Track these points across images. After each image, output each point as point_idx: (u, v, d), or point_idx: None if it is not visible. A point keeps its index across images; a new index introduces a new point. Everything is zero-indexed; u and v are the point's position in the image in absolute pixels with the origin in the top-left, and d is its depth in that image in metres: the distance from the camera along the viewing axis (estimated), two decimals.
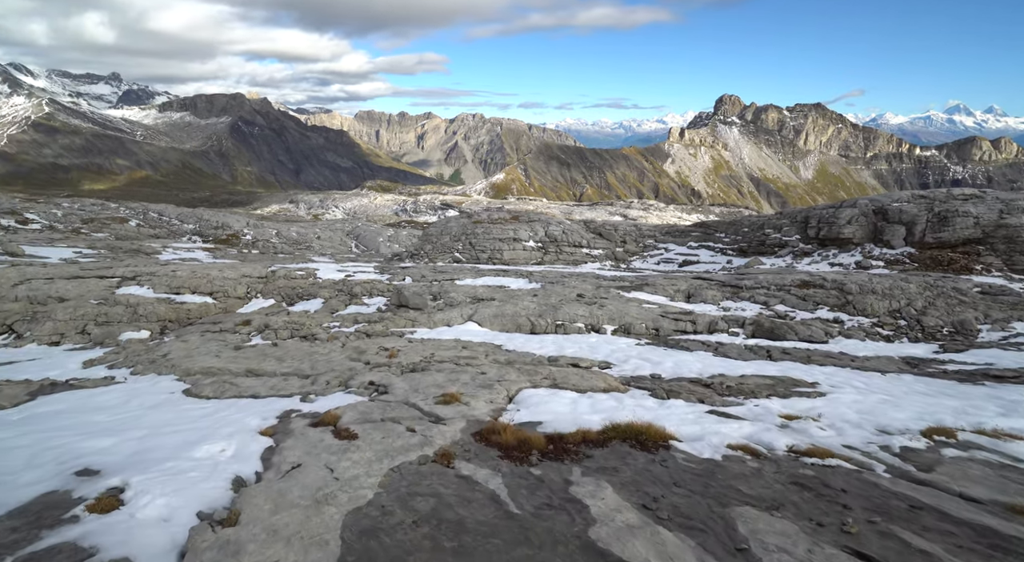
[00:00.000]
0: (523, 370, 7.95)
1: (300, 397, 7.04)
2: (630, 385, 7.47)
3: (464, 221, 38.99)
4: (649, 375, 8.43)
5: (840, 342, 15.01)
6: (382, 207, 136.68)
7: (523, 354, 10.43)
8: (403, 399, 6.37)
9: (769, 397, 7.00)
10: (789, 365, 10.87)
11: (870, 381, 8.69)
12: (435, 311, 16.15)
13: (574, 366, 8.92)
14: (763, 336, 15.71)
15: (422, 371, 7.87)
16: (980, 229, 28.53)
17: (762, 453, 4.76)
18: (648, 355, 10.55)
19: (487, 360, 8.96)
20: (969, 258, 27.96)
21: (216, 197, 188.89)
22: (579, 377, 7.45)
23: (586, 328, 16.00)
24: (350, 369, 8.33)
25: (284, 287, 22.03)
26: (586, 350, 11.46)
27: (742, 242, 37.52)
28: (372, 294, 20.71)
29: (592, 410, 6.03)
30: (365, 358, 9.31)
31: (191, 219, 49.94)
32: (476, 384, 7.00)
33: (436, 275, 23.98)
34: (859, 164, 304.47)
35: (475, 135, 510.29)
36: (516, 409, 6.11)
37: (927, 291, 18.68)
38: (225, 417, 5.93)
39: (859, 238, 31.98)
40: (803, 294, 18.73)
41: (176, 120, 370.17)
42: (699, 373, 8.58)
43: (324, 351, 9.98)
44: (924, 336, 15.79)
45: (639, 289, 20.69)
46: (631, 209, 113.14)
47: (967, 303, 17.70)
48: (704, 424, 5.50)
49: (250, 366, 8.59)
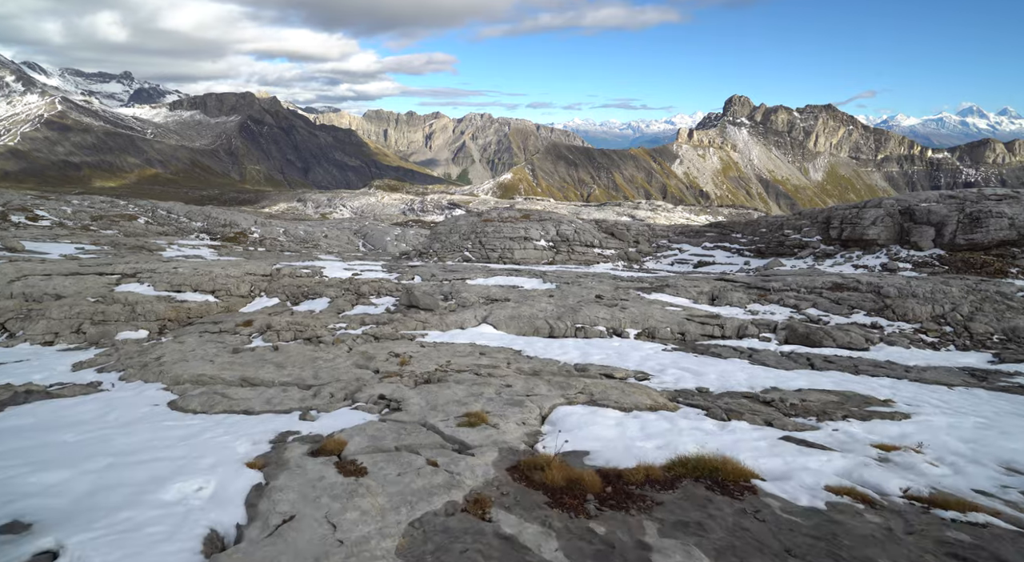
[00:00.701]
0: (553, 382, 6.98)
1: (300, 413, 6.07)
2: (677, 401, 6.50)
3: (474, 219, 38.07)
4: (695, 389, 7.45)
5: (883, 349, 13.93)
6: (389, 206, 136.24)
7: (547, 361, 9.47)
8: (420, 419, 5.40)
9: (845, 418, 6.01)
10: (839, 376, 9.86)
11: (945, 398, 7.67)
12: (447, 312, 15.21)
13: (607, 377, 7.95)
14: (797, 342, 14.65)
15: (439, 383, 6.91)
16: (1015, 230, 27.24)
17: (875, 500, 3.79)
18: (684, 364, 9.56)
19: (510, 370, 8.00)
20: (1003, 261, 26.67)
21: (225, 195, 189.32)
22: (619, 391, 6.47)
23: (607, 332, 15.01)
24: (357, 379, 7.38)
25: (289, 285, 21.16)
26: (614, 357, 10.48)
27: (759, 243, 36.31)
28: (380, 294, 19.80)
29: (644, 435, 5.06)
30: (374, 365, 8.37)
31: (199, 217, 49.36)
32: (503, 400, 6.02)
33: (446, 274, 23.04)
34: (870, 166, 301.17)
35: (483, 135, 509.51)
36: (554, 432, 5.14)
37: (970, 295, 17.54)
38: (209, 440, 4.98)
39: (884, 239, 30.74)
40: (836, 297, 17.63)
41: (186, 119, 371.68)
42: (749, 386, 7.60)
43: (329, 356, 9.04)
44: (973, 344, 14.68)
45: (660, 291, 19.66)
46: (639, 210, 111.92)
47: (1016, 308, 16.55)
48: (785, 456, 4.52)
49: (246, 374, 7.64)
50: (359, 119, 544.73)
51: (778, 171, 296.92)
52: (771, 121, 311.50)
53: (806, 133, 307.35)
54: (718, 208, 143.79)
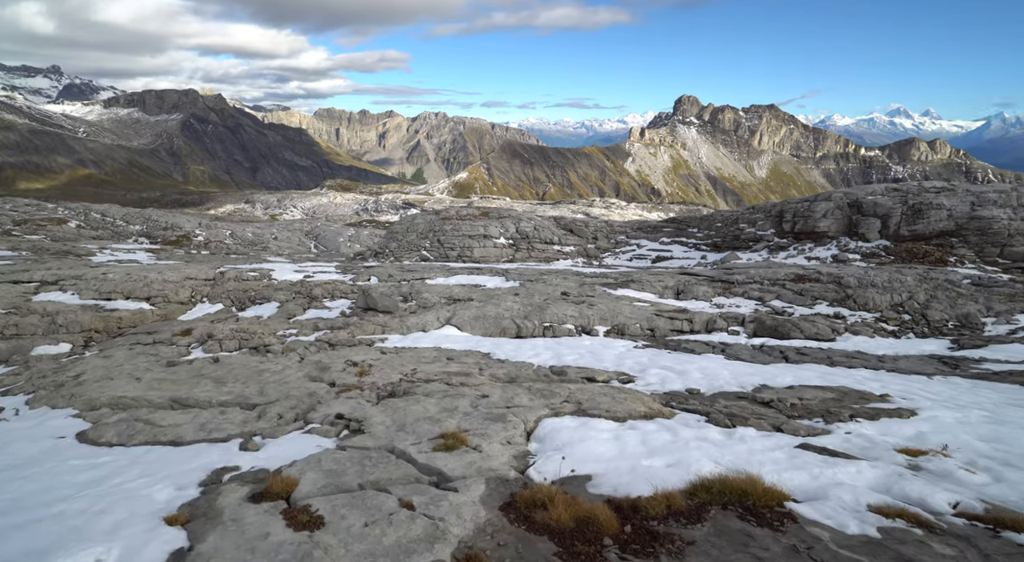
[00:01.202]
0: (534, 390, 6.25)
1: (240, 441, 5.05)
2: (671, 406, 5.90)
3: (431, 218, 37.01)
4: (685, 390, 6.90)
5: (849, 339, 13.88)
6: (342, 207, 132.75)
7: (520, 364, 8.76)
8: (386, 443, 4.54)
9: (853, 418, 5.55)
10: (820, 369, 9.57)
11: (933, 389, 7.40)
12: (408, 314, 14.29)
13: (589, 380, 7.31)
14: (766, 334, 14.47)
15: (405, 396, 6.05)
16: (953, 221, 28.29)
17: (931, 523, 3.26)
18: (662, 362, 9.04)
19: (484, 377, 7.22)
20: (943, 250, 27.68)
21: (167, 197, 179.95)
22: (609, 398, 5.82)
23: (576, 330, 14.43)
24: (310, 394, 6.43)
25: (234, 290, 19.71)
26: (589, 358, 9.87)
27: (715, 237, 36.72)
28: (334, 296, 18.65)
29: (648, 450, 4.40)
30: (329, 377, 7.42)
31: (138, 220, 46.28)
32: (481, 415, 5.23)
33: (404, 274, 22.03)
34: (809, 163, 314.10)
35: (437, 134, 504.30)
36: (545, 452, 4.42)
37: (923, 284, 17.89)
38: (120, 486, 3.97)
39: (834, 231, 31.47)
40: (799, 289, 17.66)
41: (123, 116, 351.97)
42: (739, 385, 7.11)
43: (277, 368, 8.03)
44: (931, 331, 14.86)
45: (625, 286, 19.28)
46: (593, 207, 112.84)
47: (966, 295, 16.95)
48: (810, 468, 3.96)
49: (178, 393, 6.54)
50: (310, 118, 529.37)
51: (725, 168, 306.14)
52: (718, 120, 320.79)
53: (751, 132, 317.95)
54: (669, 205, 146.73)
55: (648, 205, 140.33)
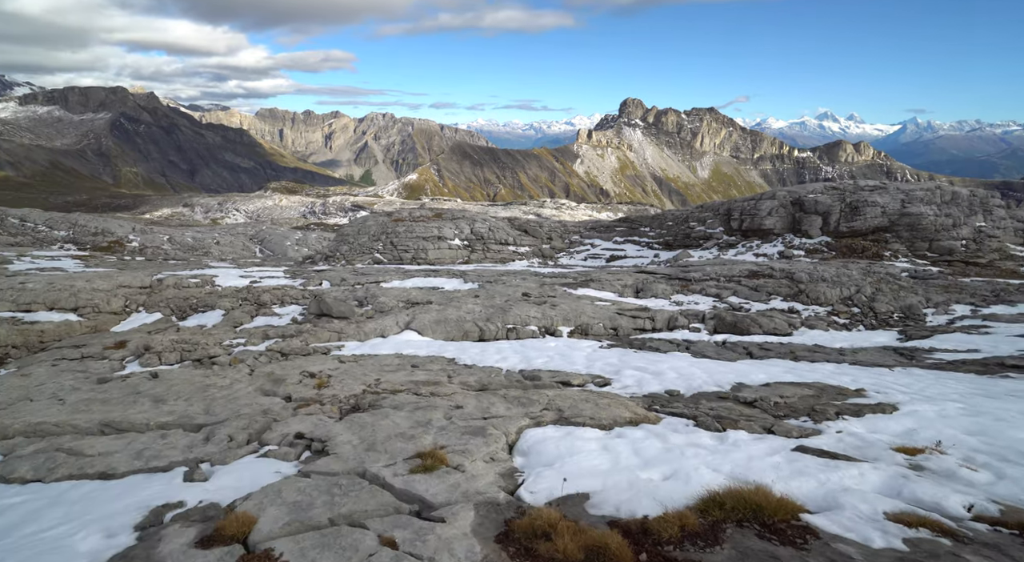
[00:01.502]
0: (510, 398, 5.83)
1: (185, 471, 4.36)
2: (654, 409, 5.63)
3: (384, 219, 36.03)
4: (664, 392, 6.68)
5: (805, 333, 14.19)
6: (288, 209, 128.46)
7: (488, 370, 8.34)
8: (356, 466, 4.01)
9: (840, 416, 5.44)
10: (786, 365, 9.60)
11: (901, 381, 7.48)
12: (365, 320, 13.61)
13: (564, 385, 6.97)
14: (726, 331, 14.61)
15: (372, 410, 5.48)
16: (887, 218, 29.77)
17: (955, 530, 3.08)
18: (633, 362, 8.84)
19: (455, 385, 6.74)
20: (879, 245, 29.10)
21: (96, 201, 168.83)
22: (590, 404, 5.47)
23: (540, 331, 14.15)
24: (264, 411, 5.77)
25: (174, 298, 18.45)
26: (558, 360, 9.56)
27: (667, 236, 37.40)
28: (284, 302, 17.70)
29: (642, 461, 4.08)
30: (284, 390, 6.76)
31: (63, 225, 42.99)
32: (458, 429, 4.77)
33: (358, 277, 21.21)
34: (748, 164, 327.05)
35: (386, 135, 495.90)
36: (532, 466, 4.04)
37: (869, 277, 18.58)
38: (35, 536, 3.26)
39: (780, 229, 32.56)
40: (755, 285, 18.01)
41: (42, 115, 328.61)
42: (716, 385, 6.95)
43: (225, 382, 7.29)
44: (878, 323, 15.40)
45: (585, 285, 19.18)
46: (544, 208, 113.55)
47: (907, 288, 17.70)
48: (814, 474, 3.75)
49: (110, 416, 5.72)
50: (251, 118, 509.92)
51: (670, 169, 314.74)
52: (662, 122, 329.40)
53: (693, 134, 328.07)
54: (617, 205, 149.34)
55: (597, 205, 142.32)
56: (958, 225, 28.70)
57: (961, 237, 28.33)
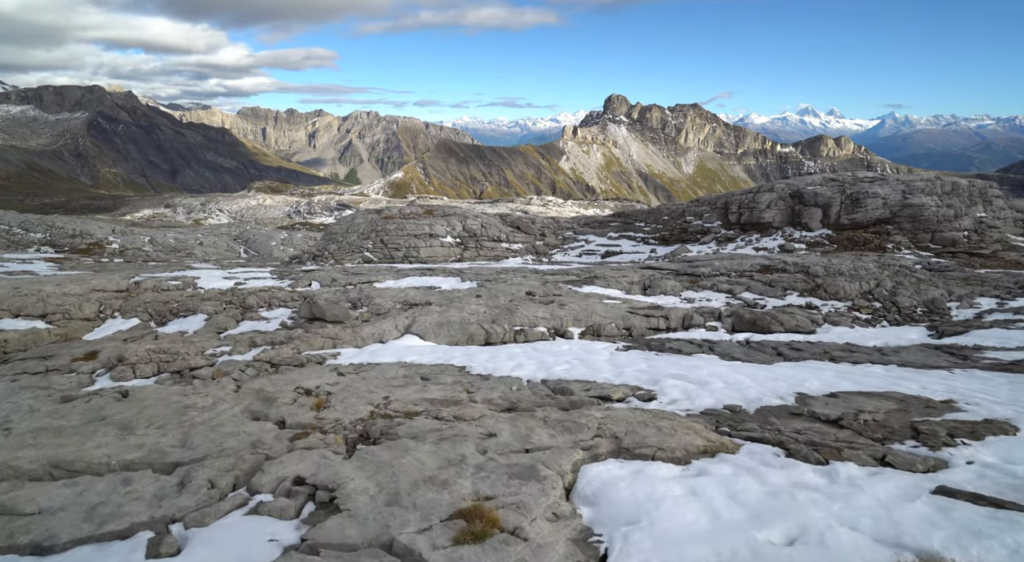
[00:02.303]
0: (551, 421, 4.82)
1: (149, 539, 3.42)
2: (726, 433, 4.69)
3: (373, 217, 34.87)
4: (722, 407, 5.76)
5: (830, 330, 13.42)
6: (273, 209, 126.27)
7: (506, 380, 7.41)
8: (378, 533, 2.99)
9: (954, 438, 4.55)
10: (831, 367, 8.77)
11: (972, 386, 6.70)
12: (361, 323, 12.59)
13: (603, 399, 6.04)
14: (745, 329, 13.80)
15: (386, 441, 4.42)
16: (888, 209, 29.25)
17: None
18: (665, 368, 7.97)
19: (478, 404, 5.72)
20: (881, 237, 28.56)
21: (74, 202, 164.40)
22: (651, 429, 4.49)
23: (549, 333, 13.23)
24: (254, 443, 4.68)
25: (153, 302, 17.26)
26: (580, 366, 8.65)
27: (663, 231, 36.66)
28: (272, 305, 16.59)
29: (748, 515, 3.11)
30: (276, 412, 5.72)
31: (40, 227, 41.30)
32: (501, 468, 3.73)
33: (349, 278, 20.12)
34: (732, 160, 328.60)
35: (370, 133, 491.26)
36: (608, 525, 3.07)
37: (884, 270, 17.93)
38: None
39: (779, 222, 31.94)
40: (768, 280, 17.25)
41: (16, 114, 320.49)
42: (776, 395, 6.07)
43: (206, 402, 6.22)
44: (903, 318, 14.69)
45: (590, 283, 18.29)
46: (531, 205, 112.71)
47: (926, 281, 17.05)
48: (991, 533, 2.80)
49: (62, 452, 4.55)
50: (233, 117, 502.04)
51: (655, 165, 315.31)
52: (646, 119, 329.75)
53: (677, 130, 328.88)
54: (604, 201, 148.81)
55: (584, 202, 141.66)
56: (959, 216, 28.24)
57: (963, 228, 27.87)
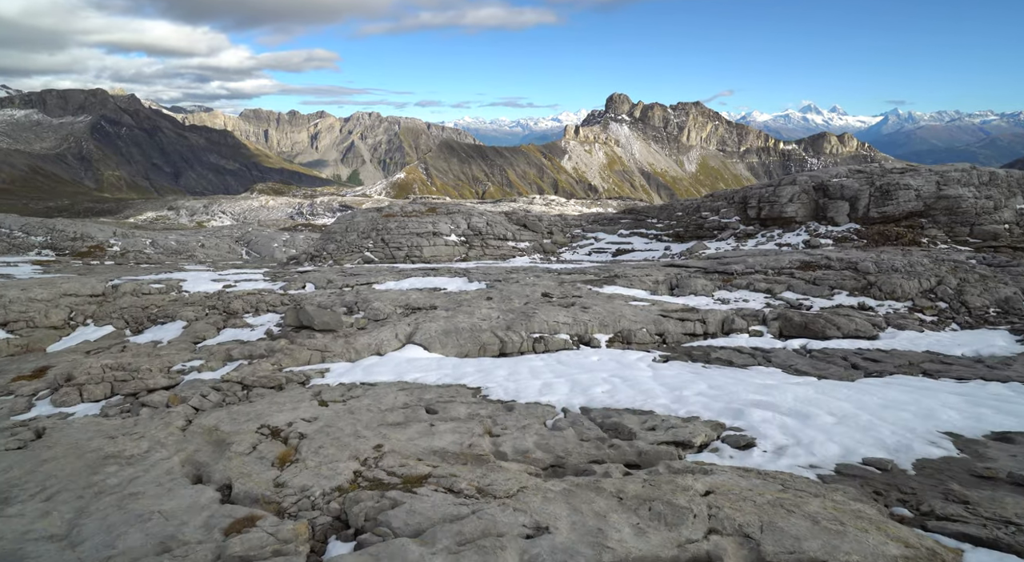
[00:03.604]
0: (628, 500, 2.89)
1: None
2: (900, 515, 3.00)
3: (374, 215, 33.18)
4: (861, 461, 4.01)
5: (896, 335, 11.64)
6: (275, 210, 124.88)
7: (537, 411, 5.71)
8: None
9: None
10: (935, 386, 7.07)
11: None
12: (355, 331, 10.88)
13: (681, 447, 4.33)
14: (796, 334, 12.06)
15: (374, 540, 2.71)
16: (922, 202, 27.33)
17: None
18: (739, 391, 6.27)
19: (510, 464, 3.93)
20: (914, 232, 26.62)
21: (79, 205, 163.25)
22: (792, 514, 2.68)
23: (573, 340, 11.52)
24: (163, 543, 2.82)
25: (130, 307, 15.64)
26: (623, 387, 6.94)
27: (677, 227, 34.82)
28: (259, 310, 14.94)
29: None
30: (224, 468, 3.98)
31: (41, 230, 39.97)
32: None
33: (347, 279, 18.46)
34: (734, 158, 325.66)
35: (372, 134, 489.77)
36: None
37: (940, 265, 16.11)
38: None
39: (802, 216, 30.06)
40: (811, 277, 15.47)
41: (19, 118, 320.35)
42: (916, 434, 4.36)
43: (138, 449, 4.49)
44: (975, 320, 12.91)
45: (611, 283, 16.55)
46: (533, 205, 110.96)
47: (992, 278, 15.25)
48: None
49: None
50: (235, 119, 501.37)
51: (657, 164, 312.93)
52: (648, 117, 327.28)
53: (679, 128, 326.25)
54: (607, 200, 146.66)
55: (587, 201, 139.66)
56: (999, 207, 26.29)
57: (1003, 221, 25.92)
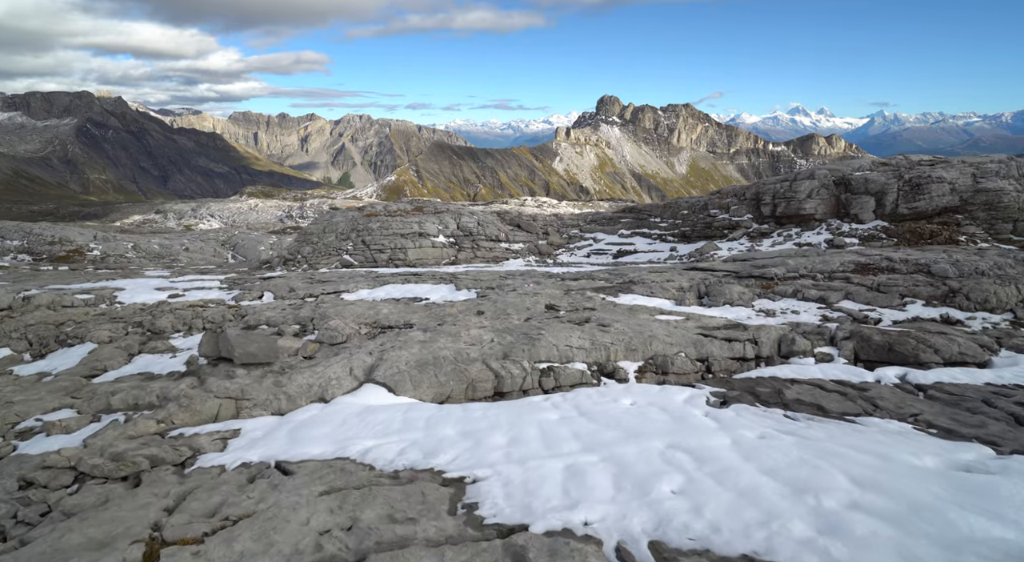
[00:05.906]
0: None
1: None
2: None
3: (354, 214, 30.17)
4: None
5: (1019, 361, 8.85)
6: (265, 213, 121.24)
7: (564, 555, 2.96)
8: None
9: None
10: None
11: None
12: (297, 365, 7.95)
13: None
14: (877, 357, 9.21)
15: None
16: (957, 196, 24.56)
17: None
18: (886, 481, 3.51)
19: None
20: (950, 229, 23.85)
21: (63, 209, 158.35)
22: None
23: (591, 370, 8.62)
24: None
25: (39, 324, 12.63)
26: (702, 478, 4.15)
27: (683, 226, 31.95)
28: (193, 329, 11.99)
29: None
30: None
31: (16, 234, 36.98)
32: None
33: (313, 287, 15.49)
34: (724, 159, 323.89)
35: (363, 137, 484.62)
36: None
37: (1020, 266, 13.40)
38: None
39: (822, 214, 27.27)
40: (874, 283, 12.68)
41: (2, 121, 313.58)
42: None
43: None
44: None
45: (627, 291, 13.63)
46: (525, 207, 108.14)
47: None
48: None
49: None
50: (224, 121, 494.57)
51: (648, 166, 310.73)
52: (639, 119, 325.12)
53: (669, 130, 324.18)
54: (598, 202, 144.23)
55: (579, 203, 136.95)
56: None
57: None
